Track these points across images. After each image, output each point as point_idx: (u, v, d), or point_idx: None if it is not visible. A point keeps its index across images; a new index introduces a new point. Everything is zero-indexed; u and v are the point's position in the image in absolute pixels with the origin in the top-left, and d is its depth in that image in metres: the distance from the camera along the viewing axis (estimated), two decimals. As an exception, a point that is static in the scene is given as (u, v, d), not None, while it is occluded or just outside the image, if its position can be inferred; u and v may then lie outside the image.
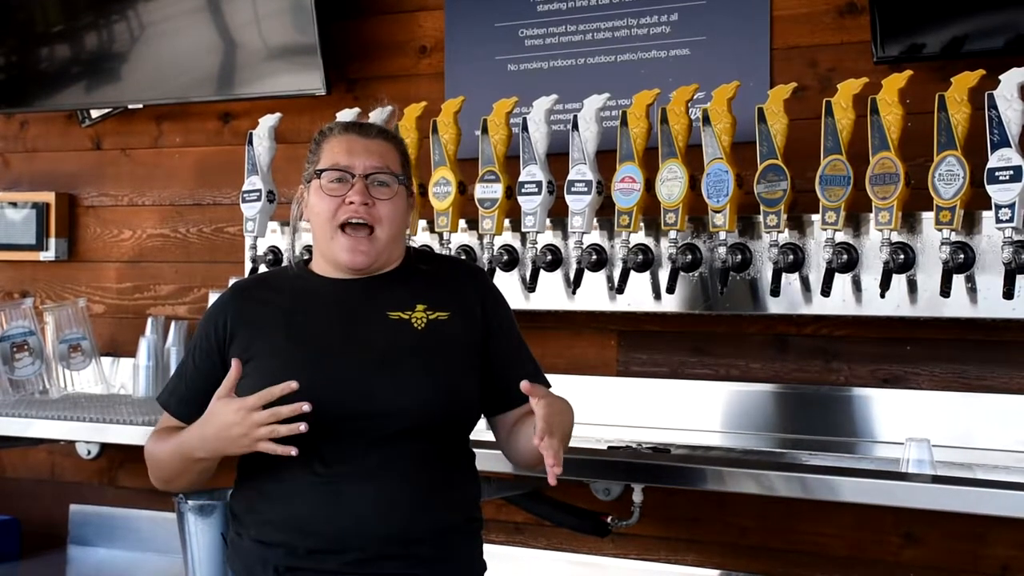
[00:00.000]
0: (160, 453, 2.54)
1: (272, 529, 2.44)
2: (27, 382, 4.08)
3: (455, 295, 2.55)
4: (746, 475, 2.80)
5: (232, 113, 4.20)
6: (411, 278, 2.56)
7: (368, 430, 2.40)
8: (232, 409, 2.35)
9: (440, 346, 2.48)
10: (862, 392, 3.23)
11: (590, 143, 3.27)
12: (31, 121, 4.58)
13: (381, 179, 2.49)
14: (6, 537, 4.30)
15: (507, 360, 2.55)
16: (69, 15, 4.33)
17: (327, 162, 2.51)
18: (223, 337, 2.52)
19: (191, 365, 2.57)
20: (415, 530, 2.41)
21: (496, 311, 2.58)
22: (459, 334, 2.51)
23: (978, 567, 3.09)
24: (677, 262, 3.18)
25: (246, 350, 2.48)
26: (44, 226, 4.45)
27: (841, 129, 2.98)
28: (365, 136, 2.54)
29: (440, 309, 2.51)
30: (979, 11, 3.08)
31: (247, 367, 2.44)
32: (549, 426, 2.30)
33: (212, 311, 2.59)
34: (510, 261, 3.43)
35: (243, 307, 2.55)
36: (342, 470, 2.40)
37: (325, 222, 2.50)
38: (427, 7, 3.87)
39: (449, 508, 2.48)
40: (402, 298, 2.51)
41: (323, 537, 2.40)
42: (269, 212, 3.70)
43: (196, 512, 3.39)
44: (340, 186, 2.49)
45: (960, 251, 2.88)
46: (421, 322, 2.49)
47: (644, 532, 3.37)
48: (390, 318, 2.49)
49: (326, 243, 2.52)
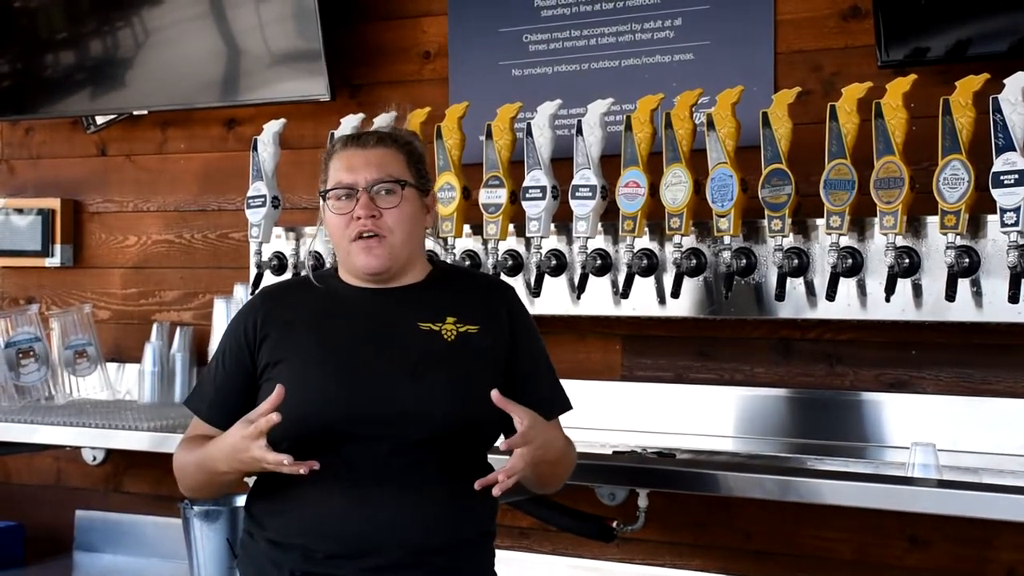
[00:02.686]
0: (188, 463, 2.54)
1: (290, 531, 2.44)
2: (33, 388, 4.08)
3: (485, 310, 2.54)
4: (751, 480, 2.80)
5: (236, 119, 4.20)
6: (441, 291, 2.56)
7: (394, 437, 2.40)
8: (240, 431, 2.37)
9: (469, 359, 2.48)
10: (867, 396, 3.23)
11: (594, 148, 3.27)
12: (36, 128, 4.59)
13: (385, 188, 2.50)
14: (12, 543, 4.30)
15: (528, 380, 2.54)
16: (74, 22, 4.34)
17: (331, 181, 2.53)
18: (253, 339, 2.52)
19: (220, 369, 2.57)
20: (434, 541, 2.42)
21: (523, 330, 2.58)
22: (487, 348, 2.50)
23: (984, 571, 3.09)
24: (681, 267, 3.18)
25: (276, 352, 2.49)
26: (49, 232, 4.46)
27: (845, 133, 2.98)
28: (364, 147, 2.54)
29: (470, 323, 2.51)
30: (983, 15, 3.08)
31: (276, 369, 2.47)
32: (524, 439, 2.32)
33: (242, 314, 2.59)
34: (515, 266, 3.44)
35: (273, 309, 2.55)
36: (365, 476, 2.40)
37: (339, 239, 2.52)
38: (431, 12, 3.87)
39: (467, 521, 2.48)
40: (433, 310, 2.51)
41: (342, 542, 2.40)
42: (274, 218, 3.70)
43: (201, 518, 3.40)
44: (346, 203, 2.50)
45: (965, 255, 2.88)
46: (451, 334, 2.49)
47: (649, 537, 3.37)
48: (420, 328, 2.49)
49: (344, 257, 2.54)
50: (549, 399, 2.56)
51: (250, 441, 2.34)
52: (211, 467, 2.47)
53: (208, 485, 2.54)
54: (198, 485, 2.56)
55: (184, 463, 2.56)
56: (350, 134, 2.64)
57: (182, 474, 2.57)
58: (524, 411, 2.35)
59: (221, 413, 2.53)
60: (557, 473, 2.54)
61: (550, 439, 2.44)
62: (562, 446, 2.51)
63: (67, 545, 4.35)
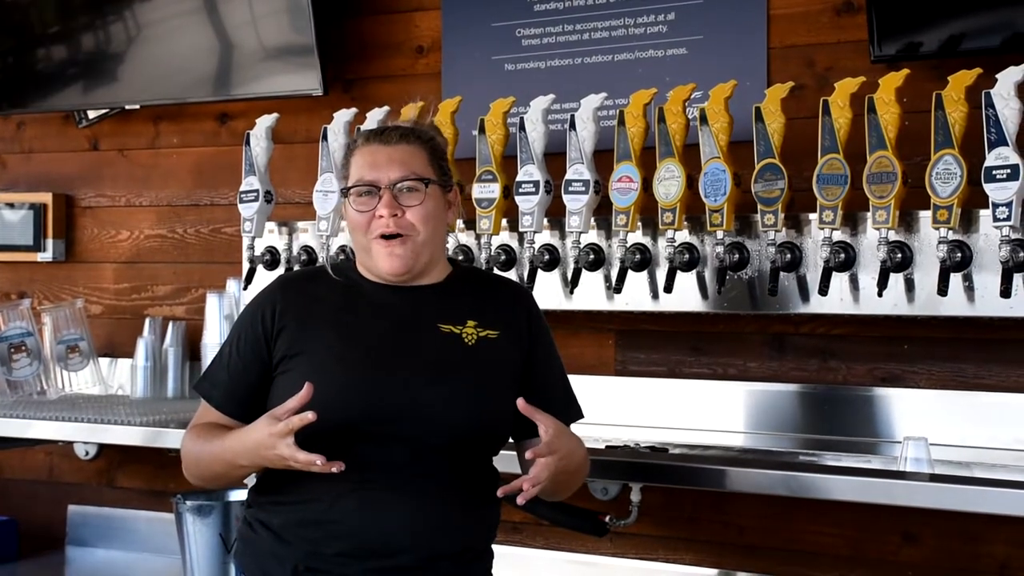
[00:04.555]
0: (201, 453, 2.49)
1: (297, 526, 2.42)
2: (25, 383, 4.08)
3: (504, 315, 2.54)
4: (744, 474, 2.80)
5: (229, 114, 4.20)
6: (462, 293, 2.55)
7: (409, 439, 2.39)
8: (267, 428, 2.32)
9: (489, 364, 2.47)
10: (860, 391, 3.23)
11: (587, 143, 3.27)
12: (28, 122, 4.58)
13: (407, 186, 2.48)
14: (4, 538, 4.30)
15: (543, 388, 2.53)
16: (66, 16, 4.33)
17: (354, 177, 2.50)
18: (271, 328, 2.48)
19: (235, 355, 2.51)
20: (445, 547, 2.42)
21: (541, 338, 2.58)
22: (506, 354, 2.50)
23: (976, 566, 3.09)
24: (675, 261, 3.18)
25: (294, 345, 2.46)
26: (41, 227, 4.45)
27: (838, 128, 2.98)
28: (387, 144, 2.51)
29: (490, 327, 2.50)
30: (976, 10, 3.08)
31: (293, 361, 2.44)
32: (549, 448, 2.31)
33: (259, 300, 2.55)
34: (508, 261, 3.43)
35: (292, 299, 2.51)
36: (378, 476, 2.39)
37: (361, 236, 2.50)
38: (424, 7, 3.87)
39: (475, 530, 2.48)
40: (453, 312, 2.50)
41: (351, 541, 2.39)
42: (266, 212, 3.70)
43: (194, 512, 3.40)
44: (369, 199, 2.48)
45: (957, 250, 2.88)
46: (472, 338, 2.48)
47: (642, 531, 3.37)
48: (441, 330, 2.48)
49: (365, 254, 2.51)
50: (565, 407, 2.55)
51: (278, 439, 2.29)
52: (230, 460, 2.43)
53: (222, 477, 2.51)
54: (211, 475, 2.52)
55: (196, 452, 2.51)
56: (373, 129, 2.60)
57: (193, 463, 2.53)
58: (550, 419, 2.34)
59: (233, 401, 2.50)
60: (572, 482, 2.53)
61: (573, 448, 2.43)
62: (583, 456, 2.50)
63: (60, 540, 4.35)
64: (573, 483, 2.54)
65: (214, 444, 2.46)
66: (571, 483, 2.53)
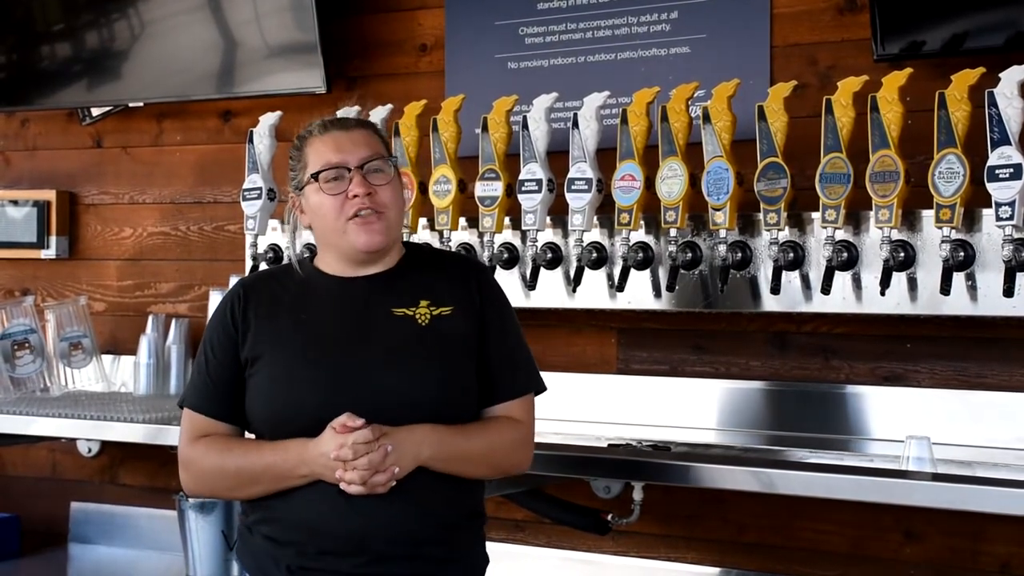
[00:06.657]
0: (230, 466, 2.48)
1: (283, 528, 2.45)
2: (28, 380, 4.08)
3: (457, 290, 2.55)
4: (746, 473, 2.80)
5: (233, 111, 4.20)
6: (415, 274, 2.57)
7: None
8: (335, 443, 2.36)
9: (443, 340, 2.49)
10: (862, 390, 3.23)
11: (590, 141, 3.27)
12: (32, 119, 4.58)
13: (376, 166, 2.51)
14: (7, 535, 4.31)
15: (497, 357, 2.54)
16: (70, 13, 4.33)
17: (319, 163, 2.52)
18: (239, 328, 2.52)
19: (212, 359, 2.54)
20: (424, 530, 2.42)
21: (493, 308, 2.58)
22: (460, 328, 2.51)
23: (978, 564, 3.09)
24: (677, 260, 3.18)
25: (257, 346, 2.50)
26: (45, 224, 4.45)
27: (841, 127, 2.98)
28: (347, 129, 2.56)
29: (443, 304, 2.52)
30: (979, 8, 3.08)
31: (259, 363, 2.48)
32: (382, 431, 2.35)
33: (223, 305, 2.58)
34: (510, 259, 3.43)
35: (253, 300, 2.55)
36: None
37: (333, 220, 2.50)
38: (427, 5, 3.87)
39: (455, 505, 2.48)
40: (406, 295, 2.52)
41: (333, 538, 2.40)
42: (270, 210, 3.70)
43: (196, 509, 3.41)
44: (338, 183, 2.50)
45: (960, 249, 2.88)
46: (425, 318, 2.50)
47: (644, 530, 3.37)
48: (395, 315, 2.50)
49: (338, 238, 2.51)
50: (520, 378, 2.56)
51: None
52: (288, 471, 2.41)
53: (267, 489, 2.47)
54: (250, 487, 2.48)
55: (222, 468, 2.49)
56: (328, 119, 2.62)
57: (216, 475, 2.50)
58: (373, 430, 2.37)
59: (222, 404, 2.52)
60: (478, 467, 2.50)
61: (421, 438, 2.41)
62: (460, 450, 2.46)
63: (62, 537, 4.35)
64: (482, 467, 2.51)
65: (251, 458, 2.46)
66: (478, 467, 2.50)
